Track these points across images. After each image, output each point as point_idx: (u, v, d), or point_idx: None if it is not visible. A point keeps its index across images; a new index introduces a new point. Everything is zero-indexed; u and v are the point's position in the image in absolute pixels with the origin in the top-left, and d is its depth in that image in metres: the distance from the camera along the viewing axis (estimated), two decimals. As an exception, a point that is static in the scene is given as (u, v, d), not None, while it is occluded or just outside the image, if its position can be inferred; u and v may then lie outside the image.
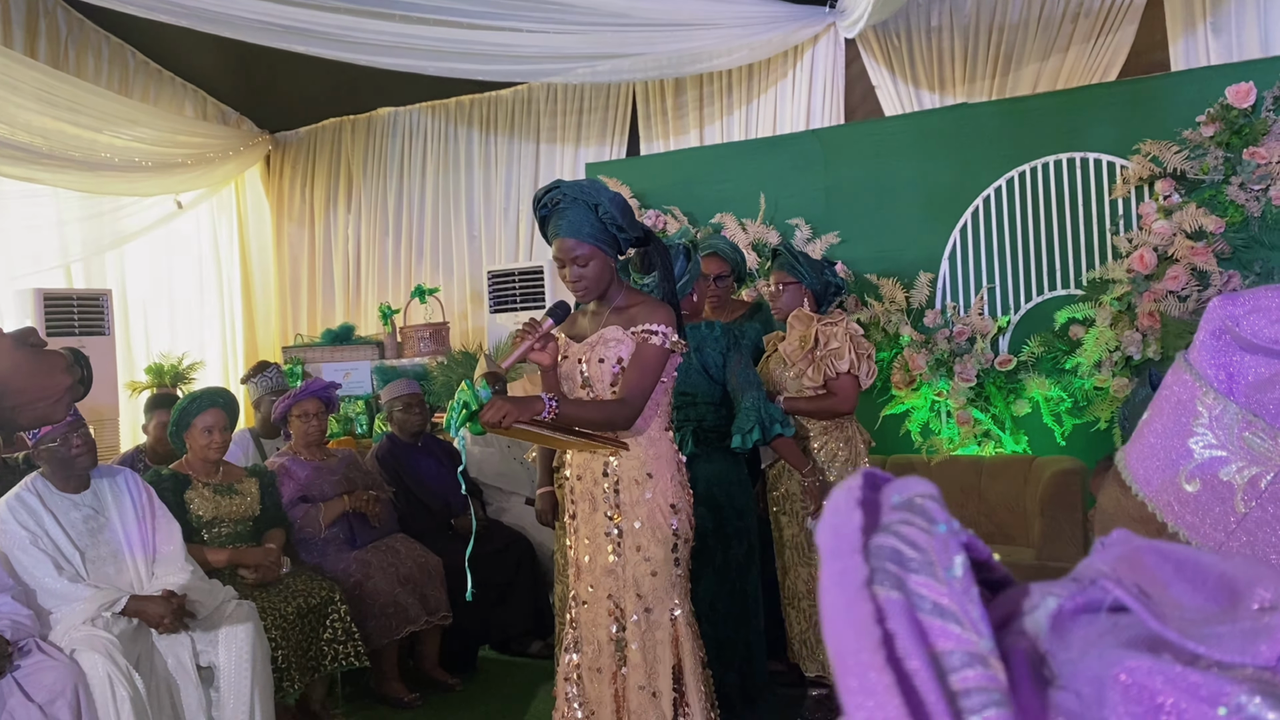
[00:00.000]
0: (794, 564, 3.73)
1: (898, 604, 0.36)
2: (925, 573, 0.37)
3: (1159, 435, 0.74)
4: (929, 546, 0.37)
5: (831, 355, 3.61)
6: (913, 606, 0.36)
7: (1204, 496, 0.69)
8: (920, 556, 0.37)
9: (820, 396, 3.66)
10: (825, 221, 5.44)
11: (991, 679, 0.36)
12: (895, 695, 0.34)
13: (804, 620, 3.71)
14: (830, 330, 3.64)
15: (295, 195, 8.34)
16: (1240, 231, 4.46)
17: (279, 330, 8.32)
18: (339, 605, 3.80)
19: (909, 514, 0.38)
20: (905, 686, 0.35)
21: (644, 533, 2.62)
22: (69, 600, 3.06)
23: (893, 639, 0.36)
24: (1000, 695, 0.36)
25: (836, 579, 0.38)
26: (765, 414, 3.31)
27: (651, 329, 2.59)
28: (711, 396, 3.42)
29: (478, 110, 7.58)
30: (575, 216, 2.58)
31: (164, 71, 7.64)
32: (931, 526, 0.38)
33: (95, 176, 6.70)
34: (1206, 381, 0.70)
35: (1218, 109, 4.47)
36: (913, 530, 0.38)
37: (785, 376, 3.71)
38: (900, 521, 0.38)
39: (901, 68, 6.01)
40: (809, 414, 3.68)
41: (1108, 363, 4.65)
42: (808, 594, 3.68)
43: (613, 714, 2.65)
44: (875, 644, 0.35)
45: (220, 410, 3.85)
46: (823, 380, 3.63)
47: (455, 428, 2.38)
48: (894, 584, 0.36)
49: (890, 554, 0.37)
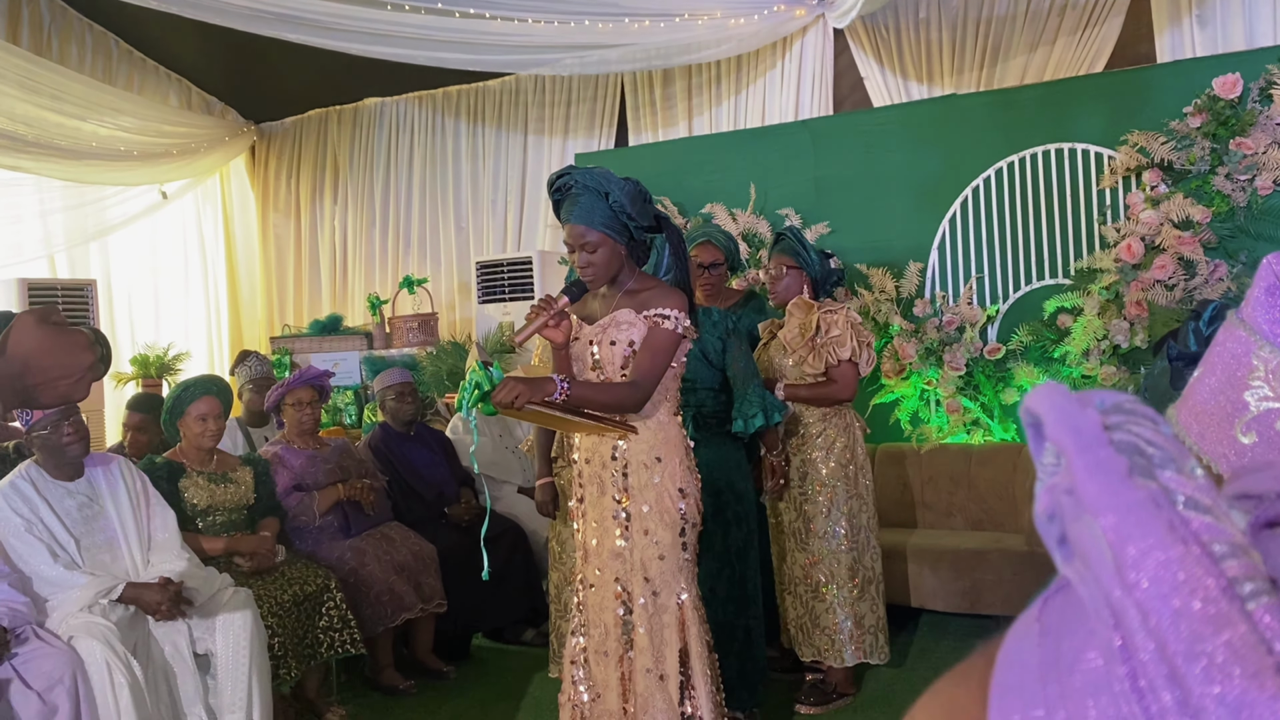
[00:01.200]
0: (790, 549, 3.75)
1: (1159, 494, 0.35)
2: (1171, 468, 0.35)
3: (1212, 391, 0.76)
4: (1166, 444, 0.36)
5: (833, 343, 3.63)
6: (1170, 501, 0.35)
7: (1260, 447, 0.71)
8: (1162, 453, 0.36)
9: (820, 384, 3.68)
10: (815, 212, 5.47)
11: (1256, 569, 0.35)
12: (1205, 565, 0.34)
13: (800, 605, 3.72)
14: (831, 318, 3.67)
15: (281, 186, 8.30)
16: (1226, 221, 4.52)
17: (265, 321, 8.28)
18: (334, 593, 3.80)
19: (1130, 415, 0.37)
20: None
21: (652, 516, 2.63)
22: (65, 587, 3.04)
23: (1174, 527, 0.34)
24: (1267, 585, 0.35)
25: (1094, 469, 0.36)
26: (768, 401, 3.36)
27: (664, 313, 2.60)
28: (711, 382, 3.44)
29: (465, 101, 7.56)
30: (587, 203, 2.59)
31: (148, 60, 7.58)
32: (1158, 426, 0.37)
33: (79, 165, 6.64)
34: (1262, 336, 0.72)
35: (1205, 100, 4.52)
36: (1144, 429, 0.36)
37: (785, 364, 3.73)
38: (1127, 421, 0.37)
39: (890, 59, 6.04)
40: (809, 401, 3.70)
41: (1095, 351, 4.70)
42: (804, 579, 3.70)
43: (619, 697, 2.66)
44: (1165, 528, 0.34)
45: (214, 398, 3.83)
46: (824, 367, 3.65)
47: (467, 408, 2.39)
48: (1148, 477, 0.35)
49: (1132, 448, 0.36)
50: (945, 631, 4.52)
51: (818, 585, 3.67)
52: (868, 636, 3.66)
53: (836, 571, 3.63)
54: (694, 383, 3.41)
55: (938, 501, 4.90)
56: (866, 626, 3.66)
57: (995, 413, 5.04)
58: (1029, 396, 0.39)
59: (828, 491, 3.67)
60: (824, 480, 3.68)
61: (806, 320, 3.69)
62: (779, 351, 3.76)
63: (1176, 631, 0.33)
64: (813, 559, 3.67)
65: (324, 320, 6.99)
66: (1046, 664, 0.37)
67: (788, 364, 3.72)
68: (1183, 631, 0.33)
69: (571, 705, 2.76)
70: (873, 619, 3.68)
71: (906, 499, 4.93)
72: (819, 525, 3.67)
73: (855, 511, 3.68)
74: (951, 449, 4.96)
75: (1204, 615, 0.33)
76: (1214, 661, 0.32)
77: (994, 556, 4.31)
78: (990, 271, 5.13)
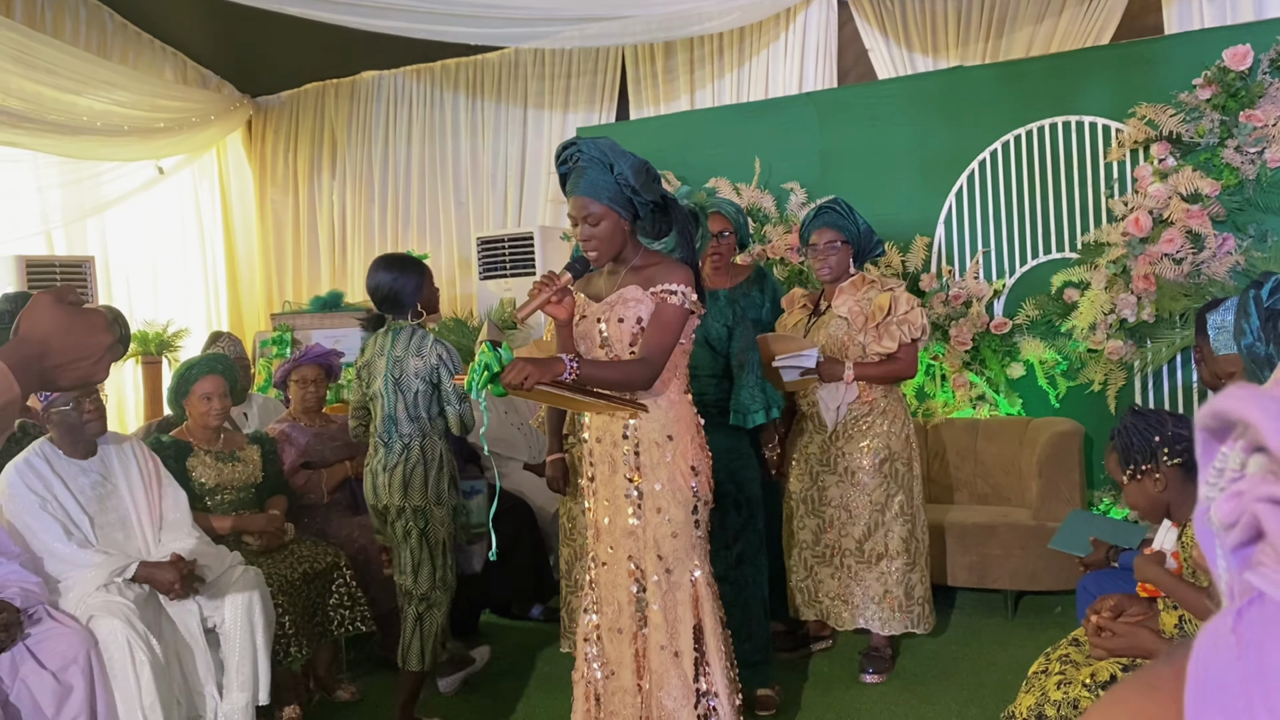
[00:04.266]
0: (835, 521, 3.78)
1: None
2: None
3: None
4: None
5: (907, 321, 3.65)
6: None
7: None
8: None
9: (887, 362, 3.71)
10: (820, 186, 5.43)
11: None
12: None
13: (846, 576, 3.77)
14: (898, 295, 3.70)
15: (278, 161, 8.23)
16: (1235, 194, 4.50)
17: (264, 297, 8.24)
18: (344, 571, 3.79)
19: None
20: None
21: (664, 494, 2.62)
22: (78, 566, 3.03)
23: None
24: None
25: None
26: (770, 396, 3.35)
27: (671, 288, 2.57)
28: (714, 369, 3.40)
29: (464, 74, 7.49)
30: (593, 176, 2.56)
31: (143, 34, 7.49)
32: None
33: (75, 140, 6.57)
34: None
35: (1214, 72, 4.49)
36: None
37: (849, 341, 3.72)
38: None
39: (895, 30, 5.99)
40: (877, 379, 3.73)
41: (1102, 325, 4.69)
42: (857, 550, 3.73)
43: (633, 674, 2.66)
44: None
45: (219, 377, 3.80)
46: (897, 346, 3.66)
47: (477, 390, 2.37)
48: None
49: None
50: (952, 605, 4.53)
51: (873, 557, 3.71)
52: (916, 606, 3.74)
53: (892, 543, 3.69)
54: (695, 369, 3.39)
55: (944, 476, 4.90)
56: (915, 597, 3.74)
57: (1001, 387, 5.04)
58: (1222, 400, 0.37)
59: (890, 464, 3.71)
60: (889, 454, 3.71)
61: (862, 297, 3.70)
62: (841, 329, 3.74)
63: None
64: (869, 530, 3.70)
65: (324, 296, 6.96)
66: (1249, 677, 0.36)
67: (855, 341, 3.71)
68: None
69: (585, 682, 2.76)
70: (921, 590, 3.77)
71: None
72: (877, 497, 3.70)
73: (910, 485, 3.76)
74: (958, 423, 4.96)
75: None
76: None
77: (1001, 531, 4.32)
78: (997, 245, 5.11)
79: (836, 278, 3.77)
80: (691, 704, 2.61)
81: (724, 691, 2.63)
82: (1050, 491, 4.33)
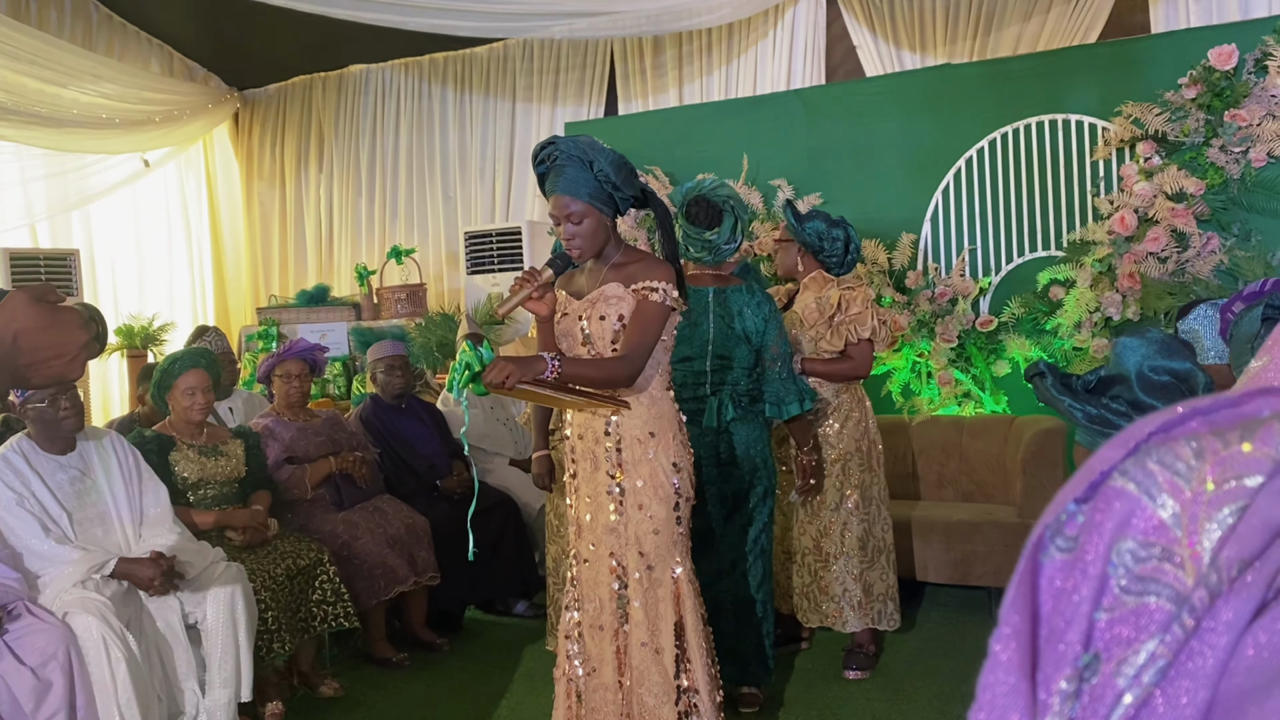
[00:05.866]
0: (800, 520, 3.80)
1: (1123, 493, 0.42)
2: (1183, 478, 0.41)
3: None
4: (1213, 459, 0.41)
5: (854, 321, 3.67)
6: (1147, 498, 0.41)
7: None
8: (1189, 466, 0.41)
9: (837, 360, 3.73)
10: (808, 182, 5.44)
11: (1176, 579, 0.41)
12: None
13: (807, 574, 3.78)
14: (851, 295, 3.70)
15: (265, 154, 8.20)
16: (1220, 193, 4.51)
17: (250, 291, 8.21)
18: (328, 566, 3.78)
19: (1236, 432, 0.39)
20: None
21: (646, 491, 2.62)
22: (56, 562, 3.01)
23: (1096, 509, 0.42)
24: (1174, 592, 0.41)
25: (1090, 461, 0.44)
26: (802, 388, 3.39)
27: (652, 286, 2.57)
28: (746, 361, 3.42)
29: (452, 68, 7.47)
30: (572, 174, 2.55)
31: (128, 26, 7.44)
32: (1237, 444, 0.39)
33: (59, 133, 6.53)
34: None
35: (1200, 71, 4.50)
36: (1214, 442, 0.40)
37: (801, 338, 3.75)
38: (1212, 434, 0.40)
39: (883, 28, 5.99)
40: (825, 376, 3.75)
41: (1088, 323, 4.70)
42: (814, 549, 3.75)
43: (614, 671, 2.66)
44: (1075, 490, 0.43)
45: (203, 371, 3.79)
46: (843, 345, 3.67)
47: (459, 389, 2.36)
48: (1135, 478, 0.42)
49: (1158, 455, 0.42)
50: (937, 602, 4.55)
51: (828, 556, 3.73)
52: (875, 604, 3.77)
53: (847, 541, 3.71)
54: (729, 361, 3.39)
55: (929, 473, 4.91)
56: (875, 594, 3.76)
57: (987, 385, 5.05)
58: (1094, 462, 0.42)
59: (841, 464, 3.73)
60: (839, 452, 3.73)
61: (823, 296, 3.72)
62: (795, 325, 3.77)
63: None
64: (823, 530, 3.72)
65: (311, 291, 6.94)
66: (1070, 566, 0.44)
67: (804, 338, 3.73)
68: None
69: (566, 679, 2.75)
70: (882, 587, 3.79)
71: (898, 471, 4.94)
72: (830, 497, 3.73)
73: (867, 484, 3.77)
74: (943, 420, 4.97)
75: None
76: None
77: (985, 528, 4.33)
78: (983, 243, 5.12)
79: (784, 273, 3.91)
80: (672, 700, 2.61)
81: (705, 688, 2.63)
82: (1034, 489, 4.34)
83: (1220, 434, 0.41)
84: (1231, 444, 0.40)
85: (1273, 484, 0.39)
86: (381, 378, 4.68)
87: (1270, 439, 0.40)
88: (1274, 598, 0.40)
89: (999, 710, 0.42)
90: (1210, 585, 0.40)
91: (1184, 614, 0.40)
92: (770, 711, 3.49)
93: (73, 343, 1.45)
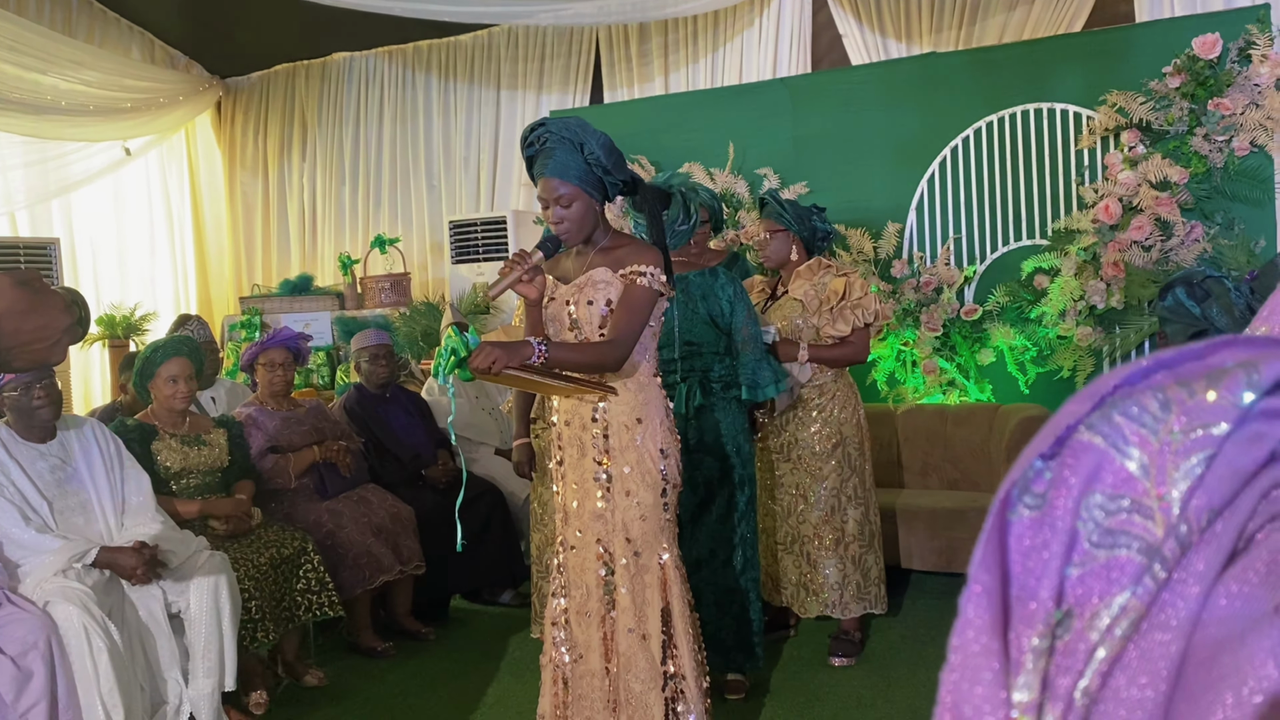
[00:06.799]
0: (794, 509, 3.79)
1: (1090, 447, 0.42)
2: (1149, 429, 0.41)
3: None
4: (1179, 409, 0.41)
5: (861, 306, 3.69)
6: (1115, 451, 0.41)
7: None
8: (1155, 417, 0.41)
9: (838, 345, 3.74)
10: (793, 171, 5.43)
11: (1146, 531, 0.41)
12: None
13: (804, 563, 3.78)
14: (853, 281, 3.73)
15: (248, 143, 8.13)
16: (1203, 182, 4.53)
17: (233, 280, 8.15)
18: (312, 556, 3.76)
19: (1202, 381, 0.40)
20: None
21: (633, 477, 2.61)
22: (37, 551, 2.99)
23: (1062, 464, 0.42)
24: (1144, 544, 0.41)
25: (1055, 417, 0.44)
26: (776, 370, 3.38)
27: (640, 270, 2.56)
28: (717, 347, 3.41)
29: (436, 56, 7.42)
30: (562, 156, 2.53)
31: (109, 12, 7.36)
32: (1202, 394, 0.40)
33: (39, 120, 6.46)
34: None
35: (1184, 60, 4.51)
36: (1180, 392, 0.40)
37: (804, 324, 3.75)
38: (1177, 384, 0.40)
39: (869, 16, 5.98)
40: (829, 362, 3.76)
41: (1072, 312, 4.72)
42: (814, 537, 3.75)
43: (601, 657, 2.65)
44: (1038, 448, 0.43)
45: (185, 359, 3.75)
46: (850, 329, 3.69)
47: (444, 375, 2.35)
48: (1101, 431, 0.42)
49: (1123, 407, 0.42)
50: (922, 590, 4.56)
51: (832, 542, 3.73)
52: (872, 588, 3.80)
53: (849, 527, 3.73)
54: (699, 347, 3.38)
55: (914, 462, 4.92)
56: (872, 579, 3.80)
57: (971, 373, 5.06)
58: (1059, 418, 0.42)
59: (841, 449, 3.74)
60: (841, 438, 3.74)
61: (818, 282, 3.72)
62: (795, 311, 3.76)
63: None
64: (824, 516, 3.73)
65: (294, 280, 6.90)
66: (1040, 522, 0.45)
67: (809, 325, 3.74)
68: None
69: (553, 666, 2.75)
70: (876, 571, 3.82)
71: (883, 459, 4.95)
72: (832, 483, 3.73)
73: (863, 469, 3.80)
74: (928, 409, 4.98)
75: None
76: None
77: (970, 516, 4.34)
78: (968, 232, 5.12)
79: (777, 264, 3.87)
80: (659, 686, 2.60)
81: (691, 674, 2.63)
82: (1019, 477, 4.35)
83: (1185, 384, 0.41)
84: (1197, 393, 0.40)
85: (1240, 431, 0.39)
86: (366, 367, 4.65)
87: (1235, 387, 0.40)
88: (1244, 547, 0.40)
89: (971, 670, 0.42)
90: (1180, 536, 0.40)
91: (1155, 565, 0.40)
92: (756, 698, 3.49)
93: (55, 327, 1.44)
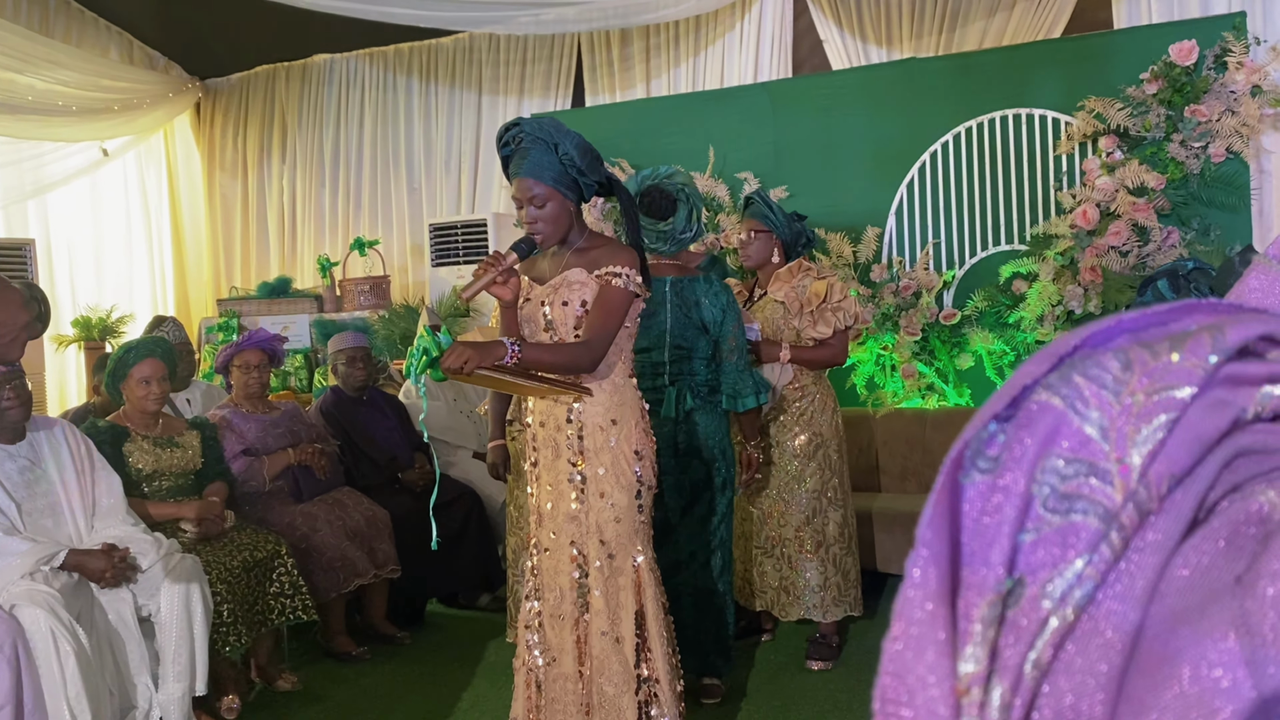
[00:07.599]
0: (774, 512, 3.78)
1: (1048, 408, 0.41)
2: (1110, 390, 0.39)
3: None
4: (1141, 370, 0.39)
5: (842, 309, 3.70)
6: (1073, 412, 0.40)
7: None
8: (1117, 379, 0.40)
9: (819, 347, 3.75)
10: (774, 175, 5.43)
11: (1104, 495, 0.39)
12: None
13: (785, 566, 3.77)
14: (834, 284, 3.75)
15: (227, 144, 8.08)
16: (1180, 188, 4.56)
17: (211, 283, 8.09)
18: (285, 559, 3.73)
19: (1165, 344, 0.39)
20: None
21: (608, 479, 2.59)
22: (4, 554, 2.93)
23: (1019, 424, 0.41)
24: (1102, 510, 0.39)
25: (1012, 377, 0.43)
26: (758, 381, 3.39)
27: (615, 271, 2.54)
28: (705, 352, 3.41)
29: (417, 58, 7.40)
30: (536, 156, 2.52)
31: (86, 12, 7.30)
32: (1166, 355, 0.38)
33: (15, 120, 6.40)
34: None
35: (1161, 66, 4.53)
36: (1142, 354, 0.39)
37: (786, 326, 3.76)
38: (1139, 345, 0.38)
39: (849, 22, 6.00)
40: (810, 364, 3.78)
41: (1050, 317, 4.73)
42: (795, 540, 3.74)
43: (574, 660, 2.64)
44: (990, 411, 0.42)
45: (158, 360, 3.72)
46: (831, 331, 3.70)
47: (416, 375, 2.33)
48: (1059, 393, 0.40)
49: (1083, 368, 0.41)
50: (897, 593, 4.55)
51: (814, 546, 3.72)
52: (852, 590, 3.81)
53: (829, 530, 3.73)
54: (689, 351, 3.37)
55: (892, 466, 4.92)
56: (851, 580, 3.81)
57: (950, 378, 5.07)
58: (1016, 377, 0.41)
59: (822, 452, 3.75)
60: (821, 441, 3.75)
61: (798, 285, 3.73)
62: (777, 313, 3.76)
63: None
64: (805, 519, 3.72)
65: (273, 282, 6.85)
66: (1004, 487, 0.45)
67: (789, 326, 3.74)
68: None
69: (526, 669, 2.73)
70: (855, 574, 3.84)
71: (861, 464, 4.95)
72: (813, 485, 3.73)
73: (841, 470, 3.82)
74: (906, 414, 4.98)
75: None
76: None
77: (948, 520, 4.34)
78: (947, 237, 5.13)
79: (758, 264, 3.86)
80: (632, 689, 2.59)
81: (665, 677, 2.61)
82: (996, 481, 4.36)
83: (1148, 346, 0.39)
84: (1160, 355, 0.39)
85: (1204, 396, 0.38)
86: (343, 369, 4.62)
87: (1200, 350, 0.38)
88: (1205, 517, 0.38)
89: (915, 638, 0.40)
90: (1139, 501, 0.38)
91: (1112, 532, 0.38)
92: (733, 702, 3.48)
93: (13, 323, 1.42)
